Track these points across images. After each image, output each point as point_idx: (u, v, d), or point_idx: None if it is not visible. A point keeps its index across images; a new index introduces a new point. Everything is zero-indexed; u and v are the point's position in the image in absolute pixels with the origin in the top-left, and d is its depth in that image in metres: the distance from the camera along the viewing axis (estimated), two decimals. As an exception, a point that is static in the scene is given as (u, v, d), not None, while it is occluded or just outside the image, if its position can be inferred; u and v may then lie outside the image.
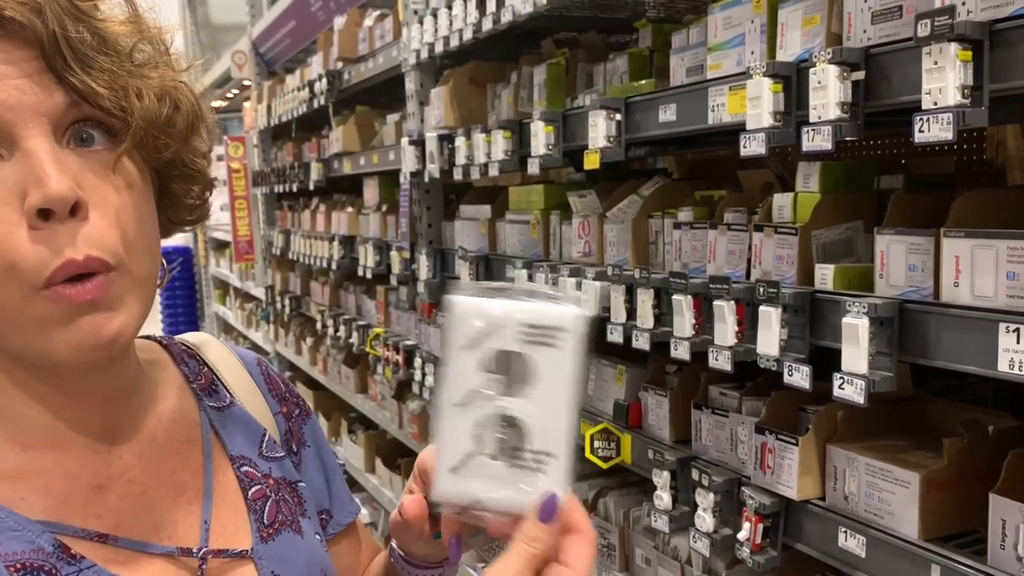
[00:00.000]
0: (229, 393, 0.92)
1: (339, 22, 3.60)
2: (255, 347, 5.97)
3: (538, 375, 0.70)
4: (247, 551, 0.83)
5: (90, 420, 0.78)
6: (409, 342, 3.12)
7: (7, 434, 0.75)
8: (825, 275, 1.42)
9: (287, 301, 4.98)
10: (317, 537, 0.91)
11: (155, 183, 0.78)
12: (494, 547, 0.81)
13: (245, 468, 0.88)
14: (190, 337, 0.96)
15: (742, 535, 1.51)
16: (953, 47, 1.08)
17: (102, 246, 0.69)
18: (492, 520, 0.72)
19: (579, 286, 1.87)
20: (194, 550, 0.79)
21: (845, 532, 1.38)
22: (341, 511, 1.00)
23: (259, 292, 5.81)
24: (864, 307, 1.24)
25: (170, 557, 0.78)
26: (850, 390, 1.26)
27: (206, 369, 0.93)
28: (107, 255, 0.69)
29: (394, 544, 0.90)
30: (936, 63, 1.10)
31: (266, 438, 0.92)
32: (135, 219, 0.72)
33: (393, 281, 3.17)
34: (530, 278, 2.11)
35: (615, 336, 1.76)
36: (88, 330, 0.69)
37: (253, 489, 0.87)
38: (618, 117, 1.76)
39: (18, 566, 0.70)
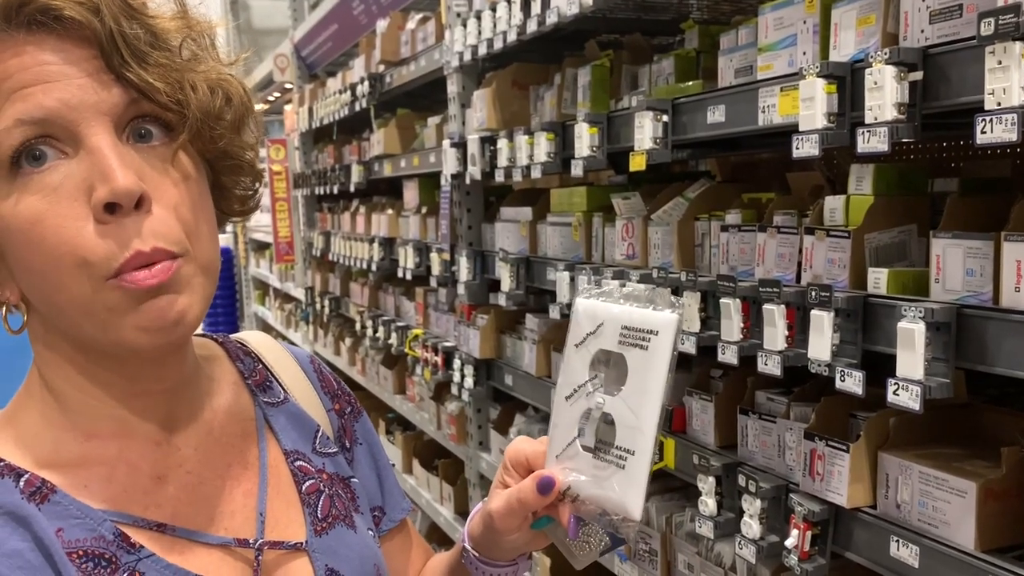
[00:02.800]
0: (283, 390, 0.93)
1: (381, 25, 3.62)
2: (294, 347, 6.01)
3: (630, 374, 0.75)
4: (302, 543, 0.84)
5: (151, 410, 0.79)
6: (448, 343, 3.12)
7: (70, 423, 0.77)
8: (878, 279, 1.40)
9: (326, 302, 5.02)
10: (370, 533, 0.92)
11: (208, 176, 0.80)
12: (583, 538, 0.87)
13: (299, 463, 0.89)
14: (245, 335, 0.98)
15: (790, 542, 1.49)
16: (1018, 46, 1.05)
17: (167, 237, 0.70)
18: (582, 507, 0.78)
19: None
20: (250, 541, 0.80)
21: (898, 541, 1.35)
22: (394, 508, 1.00)
23: (299, 293, 5.87)
24: (920, 312, 1.21)
25: (226, 548, 0.79)
26: (905, 396, 1.23)
27: (260, 366, 0.94)
28: (172, 245, 0.71)
29: (467, 544, 0.90)
30: (1000, 62, 1.07)
31: (319, 434, 0.92)
32: (195, 209, 0.74)
33: (433, 283, 3.18)
34: (572, 280, 2.10)
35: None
36: (155, 312, 0.71)
37: (307, 483, 0.88)
38: (665, 118, 1.74)
39: (80, 553, 0.71)
